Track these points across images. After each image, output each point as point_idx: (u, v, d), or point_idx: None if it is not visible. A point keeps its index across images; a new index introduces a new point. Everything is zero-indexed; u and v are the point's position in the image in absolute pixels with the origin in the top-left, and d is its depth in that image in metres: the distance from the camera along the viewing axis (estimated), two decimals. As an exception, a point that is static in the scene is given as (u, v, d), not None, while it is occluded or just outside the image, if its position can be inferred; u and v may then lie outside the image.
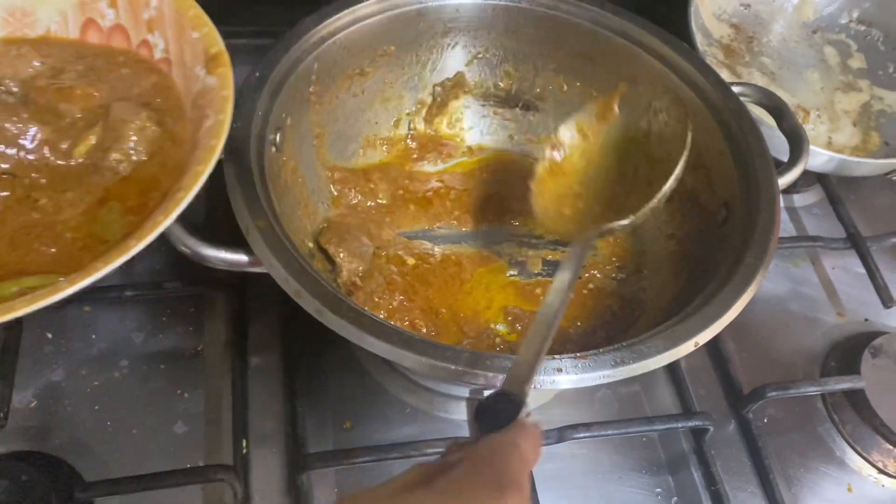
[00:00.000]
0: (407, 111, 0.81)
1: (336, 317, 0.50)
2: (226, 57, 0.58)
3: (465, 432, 0.68)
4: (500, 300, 0.73)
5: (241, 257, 0.54)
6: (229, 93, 0.56)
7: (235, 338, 0.70)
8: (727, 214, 0.67)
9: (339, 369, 0.70)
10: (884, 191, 0.97)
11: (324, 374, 0.70)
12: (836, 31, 1.04)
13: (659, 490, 0.68)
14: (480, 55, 0.81)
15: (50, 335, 0.68)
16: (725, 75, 0.88)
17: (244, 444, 0.64)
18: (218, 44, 0.59)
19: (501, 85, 0.83)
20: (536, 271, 0.75)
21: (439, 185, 0.81)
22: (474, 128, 0.84)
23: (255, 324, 0.72)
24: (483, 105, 0.84)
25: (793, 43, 1.03)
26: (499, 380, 0.50)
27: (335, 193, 0.75)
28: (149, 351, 0.69)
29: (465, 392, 0.69)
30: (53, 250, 0.53)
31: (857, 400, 0.74)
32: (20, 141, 0.57)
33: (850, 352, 0.78)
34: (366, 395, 0.70)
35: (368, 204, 0.76)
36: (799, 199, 0.95)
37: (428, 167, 0.82)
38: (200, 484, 0.61)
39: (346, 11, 0.70)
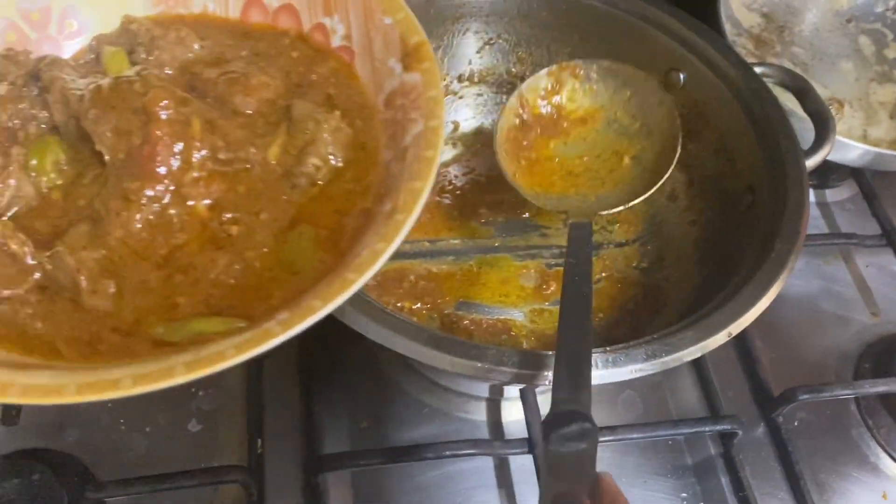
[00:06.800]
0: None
1: (359, 315, 0.49)
2: (429, 49, 0.49)
3: (483, 433, 0.67)
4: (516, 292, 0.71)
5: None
6: (438, 93, 0.47)
7: (251, 334, 0.68)
8: (753, 199, 0.65)
9: (356, 367, 0.69)
10: (921, 185, 0.94)
11: (340, 373, 0.68)
12: (871, 20, 1.01)
13: (685, 495, 0.66)
14: (493, 41, 0.79)
15: (63, 330, 0.67)
16: (756, 66, 0.85)
17: (259, 443, 0.63)
18: (418, 32, 0.49)
19: (514, 71, 0.81)
20: (554, 262, 0.73)
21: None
22: (488, 116, 0.82)
23: (271, 320, 0.70)
24: (496, 93, 0.82)
25: (826, 32, 0.99)
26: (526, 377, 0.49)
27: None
28: (163, 347, 0.68)
29: (484, 392, 0.68)
30: (232, 281, 0.44)
31: (892, 403, 0.71)
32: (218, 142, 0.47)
33: (885, 353, 0.75)
34: (382, 393, 0.68)
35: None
36: (831, 194, 0.91)
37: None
38: (215, 484, 0.60)
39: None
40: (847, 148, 0.79)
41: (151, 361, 0.38)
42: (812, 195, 0.91)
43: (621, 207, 0.64)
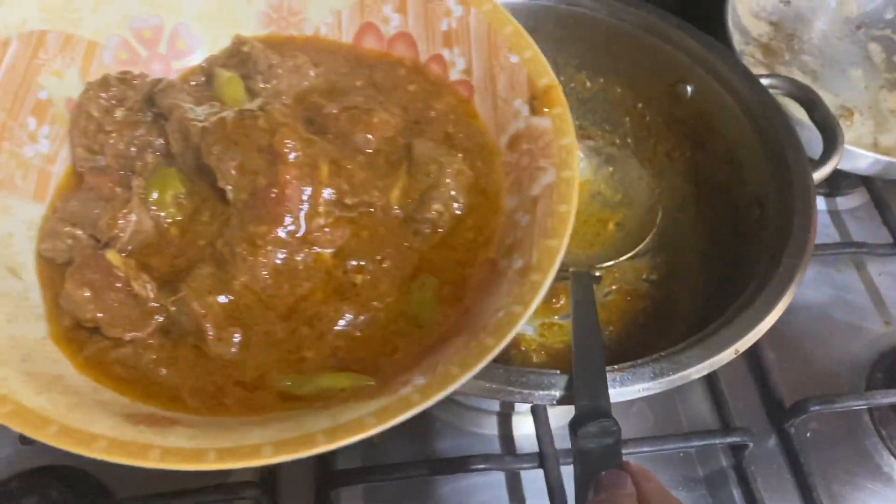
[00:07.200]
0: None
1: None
2: (560, 93, 0.46)
3: (494, 447, 0.67)
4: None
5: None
6: (572, 141, 0.44)
7: (263, 350, 0.69)
8: (761, 213, 0.65)
9: (368, 382, 0.69)
10: (933, 193, 0.93)
11: (352, 387, 0.69)
12: (881, 27, 1.00)
13: (697, 508, 0.66)
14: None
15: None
16: (764, 75, 0.85)
17: (272, 459, 0.63)
18: (548, 74, 0.47)
19: None
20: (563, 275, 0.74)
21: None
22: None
23: (283, 336, 0.71)
24: None
25: (835, 40, 0.99)
26: (535, 396, 0.49)
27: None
28: (177, 363, 0.68)
29: (495, 406, 0.68)
30: (358, 333, 0.43)
31: (905, 413, 0.71)
32: (343, 185, 0.45)
33: (898, 363, 0.75)
34: (395, 408, 0.68)
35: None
36: (842, 202, 0.91)
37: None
38: (229, 501, 0.61)
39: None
40: (857, 157, 0.79)
41: (285, 421, 0.36)
42: (823, 203, 0.91)
43: (611, 262, 0.67)
